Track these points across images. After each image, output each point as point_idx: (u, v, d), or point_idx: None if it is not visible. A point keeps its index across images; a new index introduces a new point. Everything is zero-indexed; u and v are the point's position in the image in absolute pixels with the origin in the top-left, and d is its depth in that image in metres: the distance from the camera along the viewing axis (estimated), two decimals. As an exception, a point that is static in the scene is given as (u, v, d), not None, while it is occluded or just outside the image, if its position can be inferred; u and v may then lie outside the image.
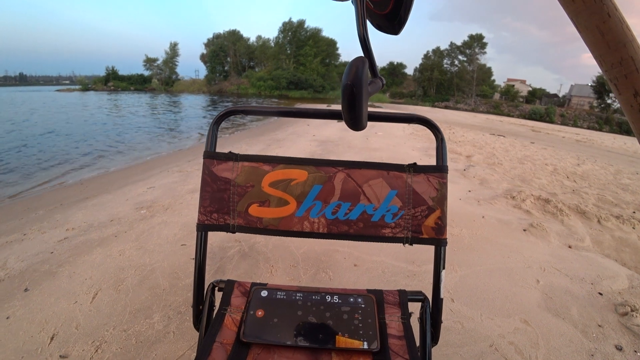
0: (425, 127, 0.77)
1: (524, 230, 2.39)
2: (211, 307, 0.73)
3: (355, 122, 0.38)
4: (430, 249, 0.73)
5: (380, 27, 0.51)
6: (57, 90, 41.55)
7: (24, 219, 2.65)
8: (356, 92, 0.35)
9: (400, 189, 0.74)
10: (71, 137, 8.51)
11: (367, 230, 0.74)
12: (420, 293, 0.74)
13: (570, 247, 2.20)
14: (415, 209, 0.73)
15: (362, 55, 0.42)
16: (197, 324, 0.74)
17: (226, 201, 0.75)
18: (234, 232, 0.75)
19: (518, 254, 2.02)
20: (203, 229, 0.75)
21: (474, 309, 1.48)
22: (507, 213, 2.74)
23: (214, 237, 2.06)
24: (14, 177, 4.93)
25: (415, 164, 0.75)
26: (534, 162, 5.22)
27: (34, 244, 2.02)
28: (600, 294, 1.65)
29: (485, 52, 46.89)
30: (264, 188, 0.75)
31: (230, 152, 0.77)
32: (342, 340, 0.62)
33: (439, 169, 0.74)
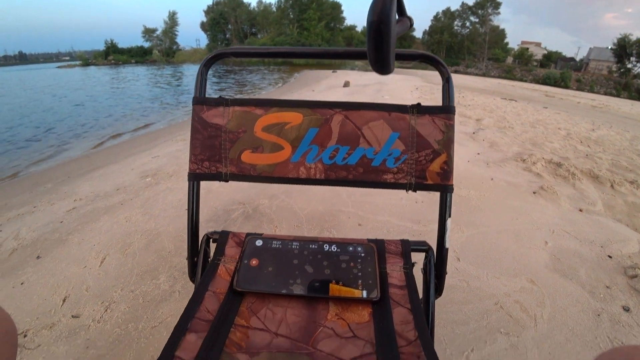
0: (432, 88, 0.70)
1: (534, 192, 2.32)
2: (206, 258, 0.71)
3: (382, 64, 0.33)
4: (437, 207, 0.68)
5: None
6: (58, 67, 40.91)
7: (33, 192, 2.70)
8: (384, 30, 0.31)
9: (403, 132, 0.68)
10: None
11: (367, 176, 0.69)
12: (424, 243, 0.70)
13: (581, 210, 2.14)
14: (419, 152, 0.67)
15: None
16: (192, 275, 0.71)
17: (217, 148, 0.70)
18: (226, 181, 0.71)
19: (527, 216, 1.97)
20: (194, 178, 0.71)
21: (480, 268, 1.45)
22: (517, 176, 2.66)
23: (217, 201, 2.05)
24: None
25: (419, 104, 0.68)
26: (546, 127, 5.05)
27: (44, 215, 2.06)
28: (610, 256, 1.61)
29: (499, 13, 44.63)
30: (256, 133, 0.70)
31: (220, 96, 0.71)
32: (340, 289, 0.59)
33: (445, 109, 0.67)
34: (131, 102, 9.77)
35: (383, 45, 0.32)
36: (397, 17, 0.38)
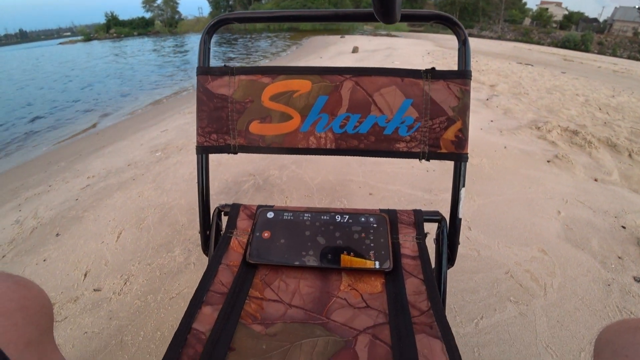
0: (445, 53, 0.65)
1: (548, 161, 2.26)
2: (218, 231, 0.70)
3: (387, 11, 0.31)
4: (449, 176, 0.65)
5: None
6: (60, 44, 39.98)
7: (47, 171, 2.74)
8: None
9: (417, 98, 0.64)
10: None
11: (379, 145, 0.66)
12: (437, 213, 0.68)
13: (596, 180, 2.09)
14: (433, 120, 0.64)
15: None
16: (205, 249, 0.72)
17: (225, 120, 0.68)
18: (235, 153, 0.69)
19: (540, 185, 1.93)
20: (203, 152, 0.70)
21: (491, 238, 1.45)
22: (531, 144, 2.59)
23: (227, 172, 2.05)
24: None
25: (433, 68, 0.64)
26: (563, 93, 4.85)
27: (59, 193, 2.10)
28: (624, 227, 1.58)
29: (519, -31, 41.65)
30: (264, 103, 0.67)
31: (225, 65, 0.68)
32: (353, 260, 0.58)
33: (462, 74, 0.64)
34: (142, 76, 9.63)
35: None
36: None
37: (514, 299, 1.14)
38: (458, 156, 0.65)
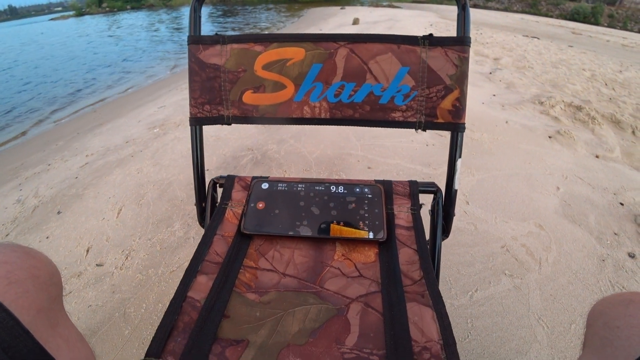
0: (448, 25, 0.63)
1: (550, 137, 2.24)
2: (214, 203, 0.70)
3: None
4: (448, 151, 0.64)
5: None
6: (52, 20, 38.54)
7: (46, 150, 2.72)
8: None
9: (413, 66, 0.63)
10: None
11: (374, 114, 0.65)
12: (432, 184, 0.68)
13: (597, 156, 2.07)
14: (430, 89, 0.63)
15: None
16: (201, 220, 0.72)
17: (217, 90, 0.67)
18: (229, 124, 0.68)
19: (540, 160, 1.92)
20: (196, 123, 0.69)
21: (489, 212, 1.45)
22: (533, 119, 2.55)
23: (225, 147, 2.04)
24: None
25: (431, 35, 0.62)
26: (569, 67, 4.73)
27: (58, 172, 2.09)
28: (622, 204, 1.58)
29: None
30: (257, 72, 0.66)
31: (216, 33, 0.66)
32: (347, 230, 0.59)
33: (460, 41, 0.62)
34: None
35: None
36: None
37: (508, 272, 1.16)
38: (455, 126, 0.64)
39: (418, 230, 0.60)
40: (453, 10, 0.63)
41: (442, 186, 0.68)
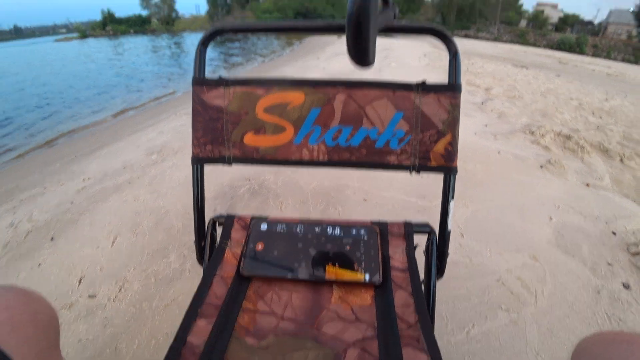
0: (441, 55, 0.66)
1: (541, 166, 2.29)
2: (213, 242, 0.71)
3: (362, 56, 0.33)
4: (442, 182, 0.67)
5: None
6: (56, 41, 39.69)
7: (43, 172, 2.72)
8: (362, 22, 0.30)
9: (407, 111, 0.66)
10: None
11: (370, 157, 0.68)
12: (426, 225, 0.70)
13: (588, 185, 2.12)
14: (423, 133, 0.66)
15: None
16: (200, 259, 0.72)
17: (220, 131, 0.69)
18: (230, 164, 0.70)
19: (532, 190, 1.96)
20: (198, 162, 0.70)
21: (483, 244, 1.47)
22: (525, 149, 2.62)
23: (223, 177, 2.06)
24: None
25: (424, 82, 0.65)
26: (557, 96, 4.90)
27: (54, 195, 2.08)
28: (614, 233, 1.61)
29: (515, -29, 41.95)
30: (258, 114, 0.68)
31: (220, 77, 0.69)
32: (344, 273, 0.60)
33: (452, 87, 0.65)
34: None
35: (362, 38, 0.31)
36: (381, 7, 0.38)
37: (505, 306, 1.16)
38: (448, 169, 0.66)
39: (413, 272, 0.61)
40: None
41: (436, 221, 0.70)
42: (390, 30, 0.65)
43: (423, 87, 0.65)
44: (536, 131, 2.93)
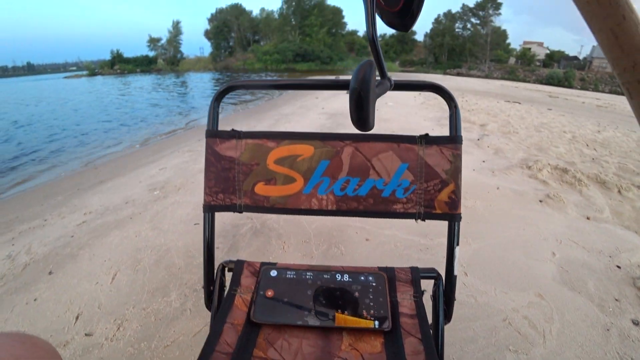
0: (437, 95, 0.72)
1: (540, 201, 2.33)
2: (222, 287, 0.73)
3: (363, 123, 0.38)
4: (444, 222, 0.70)
5: (391, 24, 0.48)
6: (66, 77, 41.85)
7: (44, 205, 2.74)
8: (363, 96, 0.36)
9: (412, 162, 0.70)
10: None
11: (377, 207, 0.71)
12: (433, 270, 0.72)
13: (588, 218, 2.14)
14: (427, 183, 0.70)
15: (371, 55, 0.42)
16: (208, 304, 0.74)
17: (231, 181, 0.73)
18: (240, 212, 0.74)
19: (534, 226, 1.98)
20: (210, 210, 0.74)
21: (488, 283, 1.46)
22: (523, 184, 2.66)
23: (225, 216, 2.08)
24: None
25: (427, 135, 0.70)
26: (551, 130, 5.03)
27: (54, 228, 2.09)
28: (619, 267, 1.61)
29: (499, 14, 44.71)
30: (269, 165, 0.73)
31: (233, 129, 0.74)
32: (353, 320, 0.61)
33: (453, 139, 0.69)
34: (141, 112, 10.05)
35: (363, 108, 0.36)
36: (378, 79, 0.43)
37: (513, 347, 1.14)
38: (452, 216, 0.69)
39: (421, 318, 0.62)
40: (437, 78, 0.73)
41: (442, 260, 0.71)
42: (397, 88, 0.72)
43: (426, 140, 0.70)
44: (533, 166, 2.99)
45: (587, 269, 1.58)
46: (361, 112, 0.36)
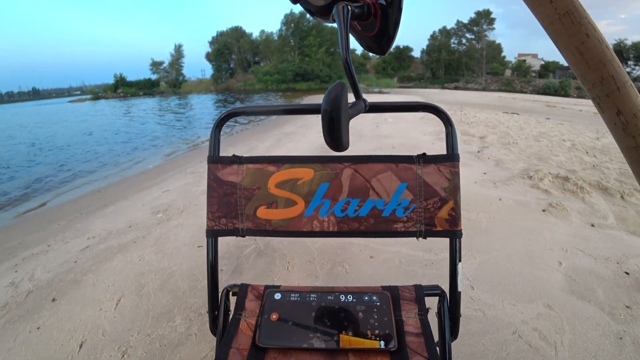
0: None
1: (543, 210, 2.32)
2: (226, 312, 0.73)
3: (336, 144, 0.38)
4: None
5: (369, 48, 0.50)
6: (70, 102, 42.85)
7: (47, 230, 2.75)
8: (334, 117, 0.36)
9: (411, 181, 0.71)
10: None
11: (378, 226, 0.72)
12: (437, 287, 0.72)
13: (593, 225, 2.13)
14: (427, 201, 0.70)
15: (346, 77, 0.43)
16: (213, 329, 0.74)
17: (234, 205, 0.74)
18: (243, 236, 0.75)
19: (538, 235, 1.97)
20: (212, 235, 0.75)
21: (495, 296, 1.45)
22: (525, 194, 2.66)
23: (229, 238, 2.07)
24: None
25: (424, 154, 0.72)
26: (550, 139, 5.06)
27: (58, 254, 2.09)
28: (627, 273, 1.59)
29: (493, 28, 45.60)
30: (270, 189, 0.74)
31: (234, 155, 0.76)
32: (359, 341, 0.61)
33: (450, 157, 0.71)
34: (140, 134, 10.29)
35: (334, 130, 0.37)
36: (353, 100, 0.44)
37: (525, 361, 1.12)
38: (452, 233, 0.70)
39: (427, 336, 0.62)
40: (434, 92, 0.75)
41: (447, 274, 0.71)
42: (389, 110, 0.74)
43: (424, 159, 0.72)
44: (534, 175, 3.00)
45: (595, 277, 1.57)
46: (333, 133, 0.37)
